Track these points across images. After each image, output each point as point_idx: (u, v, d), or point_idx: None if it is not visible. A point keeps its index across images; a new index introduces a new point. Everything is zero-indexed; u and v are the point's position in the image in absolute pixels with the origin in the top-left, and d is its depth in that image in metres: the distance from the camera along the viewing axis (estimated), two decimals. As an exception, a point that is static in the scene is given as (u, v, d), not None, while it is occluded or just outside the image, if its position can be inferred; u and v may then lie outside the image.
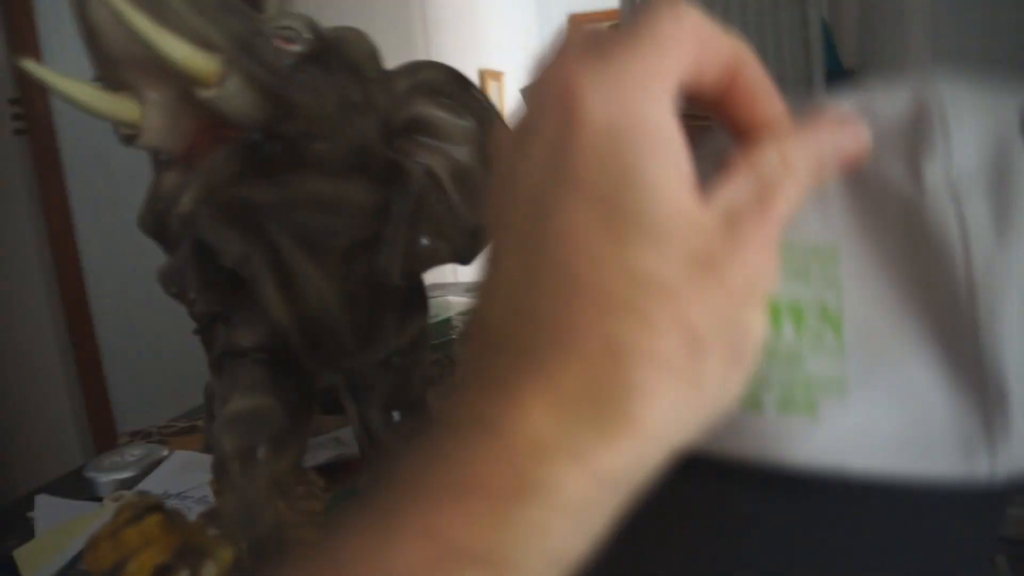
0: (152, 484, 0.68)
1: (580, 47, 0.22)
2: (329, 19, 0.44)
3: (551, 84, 0.22)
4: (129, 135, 0.37)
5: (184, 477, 0.68)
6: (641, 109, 0.21)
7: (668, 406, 0.20)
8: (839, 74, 1.33)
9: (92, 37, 0.36)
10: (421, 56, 1.50)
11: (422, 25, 3.04)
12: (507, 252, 0.22)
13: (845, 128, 0.25)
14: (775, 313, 0.26)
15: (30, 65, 0.34)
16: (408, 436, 0.54)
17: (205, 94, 0.36)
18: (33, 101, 2.04)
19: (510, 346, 0.21)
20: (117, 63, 0.36)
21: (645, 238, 0.20)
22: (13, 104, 2.02)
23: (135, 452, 0.73)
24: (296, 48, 0.41)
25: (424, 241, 0.47)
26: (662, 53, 0.22)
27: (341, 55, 0.43)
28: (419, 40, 2.99)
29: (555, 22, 3.88)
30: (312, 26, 0.42)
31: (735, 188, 0.22)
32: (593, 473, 0.19)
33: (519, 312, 0.21)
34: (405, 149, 0.48)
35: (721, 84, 0.24)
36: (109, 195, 2.20)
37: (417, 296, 0.54)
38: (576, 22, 3.88)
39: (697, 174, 0.22)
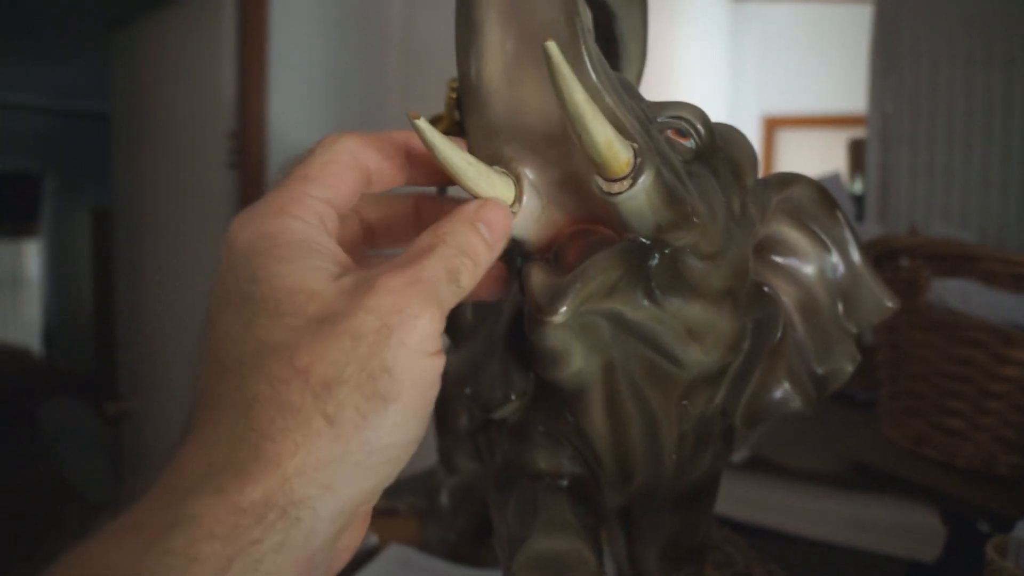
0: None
1: None
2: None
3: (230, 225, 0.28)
4: None
5: None
6: (273, 229, 0.27)
7: (304, 447, 0.24)
8: None
9: (476, 99, 0.31)
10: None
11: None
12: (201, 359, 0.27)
13: (488, 205, 0.30)
14: None
15: (420, 122, 0.28)
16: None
17: (611, 188, 0.30)
18: (250, 137, 2.12)
19: (189, 422, 0.26)
20: (498, 133, 0.31)
21: (269, 316, 0.26)
22: (231, 138, 2.12)
23: (344, 532, 0.67)
24: (689, 144, 0.35)
25: (786, 387, 0.40)
26: (303, 183, 0.29)
27: (727, 157, 0.37)
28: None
29: (748, 125, 3.77)
30: (704, 119, 0.35)
31: (385, 264, 0.27)
32: (235, 504, 0.23)
33: (198, 393, 0.27)
34: (757, 270, 0.40)
35: (393, 164, 0.32)
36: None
37: (732, 433, 0.46)
38: (770, 125, 3.76)
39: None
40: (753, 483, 0.79)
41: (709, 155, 0.35)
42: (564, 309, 0.30)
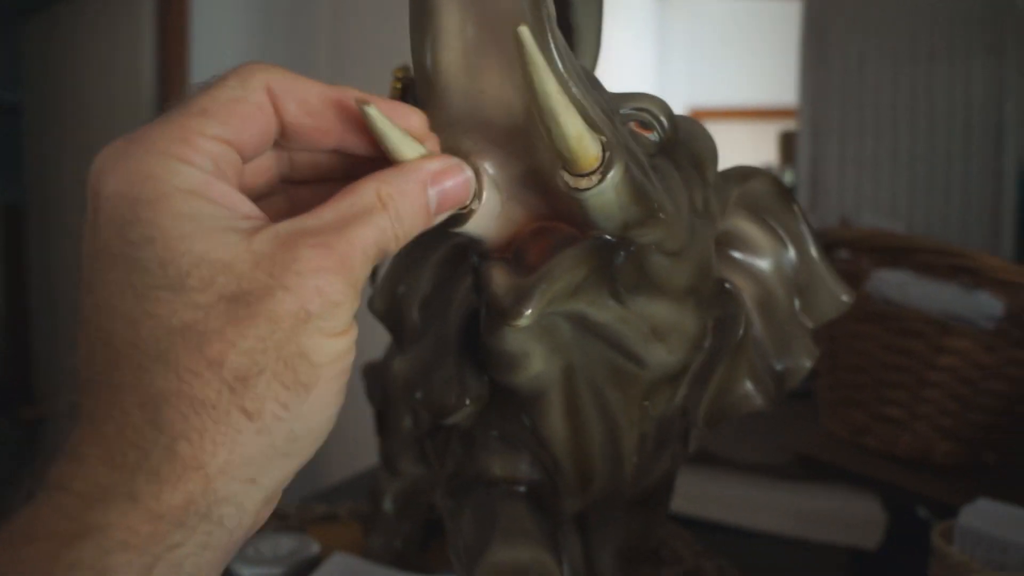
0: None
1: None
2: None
3: (93, 162, 0.24)
4: (454, 215, 0.29)
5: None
6: (159, 172, 0.22)
7: (225, 445, 0.22)
8: None
9: (433, 88, 0.28)
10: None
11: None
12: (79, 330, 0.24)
13: (450, 173, 0.27)
14: None
15: (372, 110, 0.26)
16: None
17: (578, 184, 0.28)
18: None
19: (78, 412, 0.23)
20: (456, 125, 0.29)
21: (170, 290, 0.22)
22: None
23: (282, 543, 0.64)
24: (653, 137, 0.33)
25: (748, 385, 0.39)
26: (198, 118, 0.24)
27: (689, 150, 0.36)
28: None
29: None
30: (667, 111, 0.34)
31: (309, 217, 0.24)
32: (151, 511, 0.21)
33: (84, 382, 0.23)
34: (717, 266, 0.39)
35: (318, 123, 0.26)
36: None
37: (689, 433, 0.45)
38: (697, 117, 3.81)
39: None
40: (698, 478, 0.79)
41: (671, 148, 0.34)
42: (529, 312, 0.28)
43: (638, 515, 0.45)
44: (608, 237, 0.30)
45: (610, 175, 0.28)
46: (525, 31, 0.24)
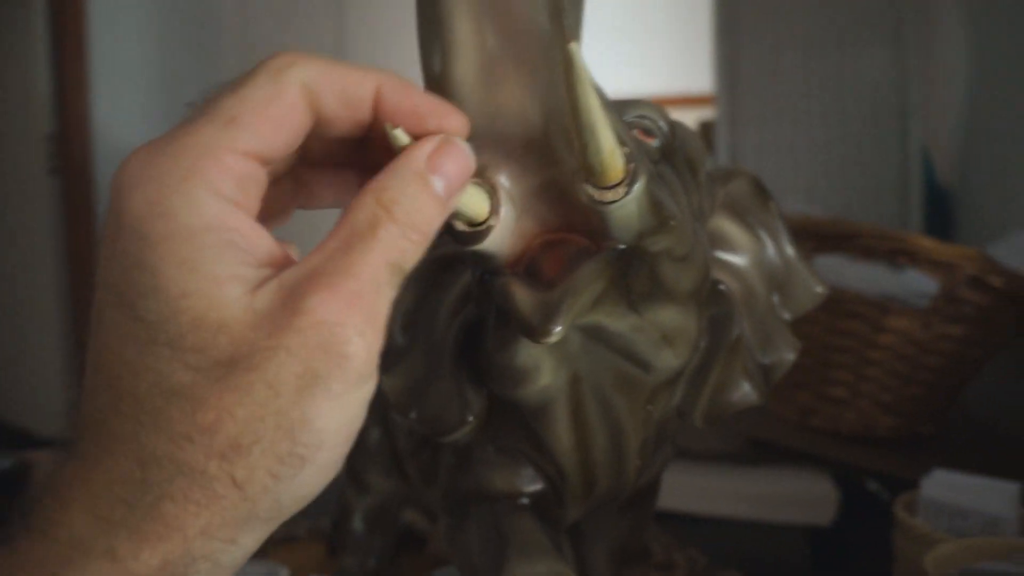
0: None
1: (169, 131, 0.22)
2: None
3: (117, 170, 0.22)
4: (471, 233, 0.28)
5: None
6: (177, 205, 0.21)
7: (207, 511, 0.21)
8: (936, 193, 1.33)
9: (446, 99, 0.28)
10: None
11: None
12: (86, 363, 0.23)
13: (444, 152, 0.24)
14: None
15: (399, 132, 0.25)
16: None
17: (604, 197, 0.28)
18: (71, 139, 1.94)
19: (72, 448, 0.22)
20: (472, 139, 0.28)
21: (169, 349, 0.21)
22: (49, 141, 1.93)
23: (249, 572, 0.62)
24: (655, 143, 0.33)
25: (743, 382, 0.39)
26: (228, 128, 0.22)
27: (685, 154, 0.36)
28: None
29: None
30: (666, 117, 0.34)
31: (314, 254, 0.22)
32: (128, 571, 0.21)
33: (84, 419, 0.22)
34: None
35: (355, 114, 0.24)
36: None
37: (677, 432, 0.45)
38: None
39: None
40: (657, 468, 0.80)
41: (671, 154, 0.34)
42: (559, 328, 0.28)
43: (629, 515, 0.46)
44: (622, 247, 0.30)
45: (635, 188, 0.28)
46: (575, 48, 0.24)
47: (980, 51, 1.20)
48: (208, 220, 0.22)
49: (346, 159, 0.27)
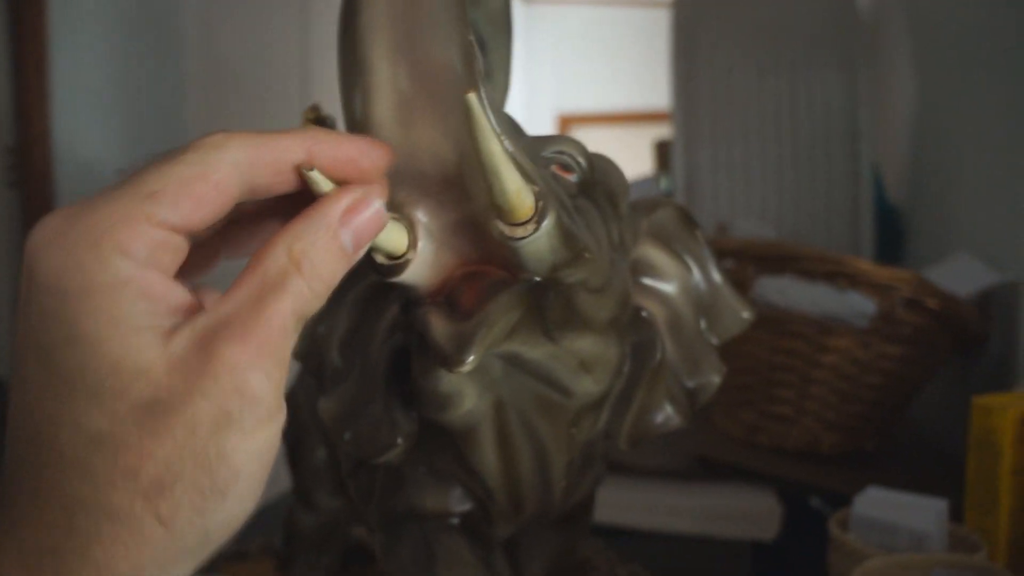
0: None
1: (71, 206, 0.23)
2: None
3: (33, 230, 0.23)
4: (390, 266, 0.30)
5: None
6: (89, 265, 0.22)
7: (136, 550, 0.22)
8: (887, 212, 1.36)
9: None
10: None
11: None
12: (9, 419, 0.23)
13: (359, 208, 0.25)
14: None
15: (315, 174, 0.26)
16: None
17: (514, 233, 0.29)
18: (31, 152, 1.93)
19: (2, 504, 0.23)
20: (389, 176, 0.29)
21: (88, 396, 0.22)
22: (9, 153, 1.91)
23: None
24: (573, 178, 0.35)
25: (666, 405, 0.41)
26: (147, 202, 0.23)
27: (604, 188, 0.37)
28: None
29: (544, 122, 3.87)
30: (585, 152, 0.35)
31: (225, 302, 0.23)
32: None
33: (9, 471, 0.23)
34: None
35: (286, 180, 0.25)
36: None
37: (607, 452, 0.47)
38: (565, 122, 3.89)
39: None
40: (604, 486, 0.81)
41: (589, 187, 0.36)
42: (472, 358, 0.29)
43: (564, 532, 0.47)
44: (537, 279, 0.31)
45: (544, 224, 0.29)
46: (474, 99, 0.25)
47: (928, 76, 1.24)
48: (121, 278, 0.22)
49: (274, 210, 0.28)
